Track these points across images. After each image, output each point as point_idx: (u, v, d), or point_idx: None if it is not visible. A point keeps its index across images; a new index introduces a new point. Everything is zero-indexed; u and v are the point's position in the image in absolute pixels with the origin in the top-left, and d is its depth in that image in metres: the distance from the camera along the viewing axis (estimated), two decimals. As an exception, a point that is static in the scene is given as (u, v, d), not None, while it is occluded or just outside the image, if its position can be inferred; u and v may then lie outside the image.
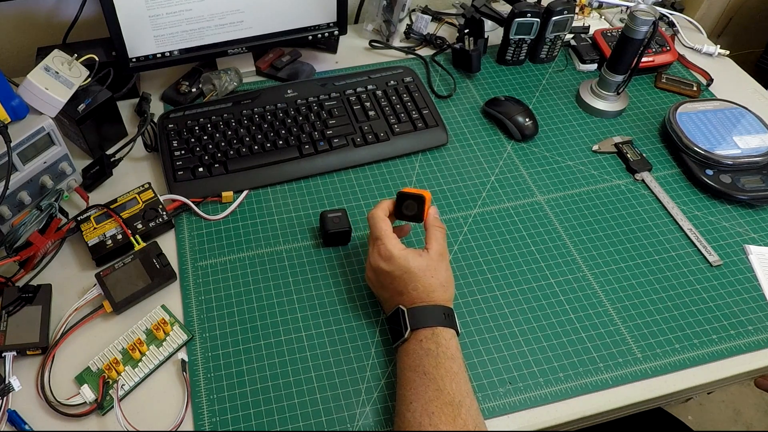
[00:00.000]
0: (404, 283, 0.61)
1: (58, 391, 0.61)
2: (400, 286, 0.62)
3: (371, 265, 0.65)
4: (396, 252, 0.62)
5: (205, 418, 0.60)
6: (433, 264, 0.62)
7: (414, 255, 0.62)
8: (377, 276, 0.64)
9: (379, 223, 0.64)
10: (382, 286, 0.64)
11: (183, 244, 0.74)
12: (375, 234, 0.64)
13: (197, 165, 0.80)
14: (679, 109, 0.87)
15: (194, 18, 0.85)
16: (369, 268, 0.66)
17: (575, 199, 0.81)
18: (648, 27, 0.81)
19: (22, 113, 0.70)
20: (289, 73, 0.96)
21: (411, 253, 0.62)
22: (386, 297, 0.64)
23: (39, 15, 0.93)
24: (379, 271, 0.63)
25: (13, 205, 0.72)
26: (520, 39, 0.97)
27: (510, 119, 0.88)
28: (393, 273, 0.62)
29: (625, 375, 0.64)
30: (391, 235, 0.64)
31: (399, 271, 0.61)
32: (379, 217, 0.65)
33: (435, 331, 0.59)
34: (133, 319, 0.66)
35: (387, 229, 0.64)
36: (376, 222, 0.64)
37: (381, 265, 0.63)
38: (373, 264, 0.64)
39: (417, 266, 0.61)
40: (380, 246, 0.63)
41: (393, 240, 0.63)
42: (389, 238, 0.63)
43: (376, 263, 0.63)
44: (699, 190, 0.82)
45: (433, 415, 0.53)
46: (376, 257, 0.63)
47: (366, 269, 0.67)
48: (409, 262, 0.61)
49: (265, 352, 0.64)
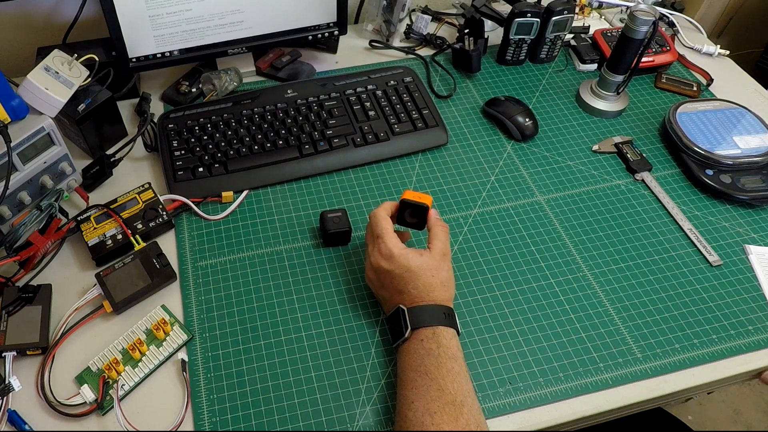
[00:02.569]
0: (404, 282, 0.61)
1: (58, 391, 0.61)
2: (400, 285, 0.62)
3: (371, 264, 0.64)
4: (396, 251, 0.62)
5: (205, 418, 0.60)
6: (434, 263, 0.62)
7: (415, 254, 0.62)
8: (377, 275, 0.64)
9: (380, 222, 0.64)
10: (382, 285, 0.64)
11: (183, 244, 0.74)
12: (376, 232, 0.64)
13: (197, 165, 0.80)
14: (679, 109, 0.87)
15: (194, 18, 0.85)
16: (369, 267, 0.66)
17: (575, 199, 0.81)
18: (648, 27, 0.81)
19: (22, 113, 0.70)
20: (289, 73, 0.96)
21: (412, 252, 0.62)
22: (386, 296, 0.64)
23: (39, 15, 0.93)
24: (379, 270, 0.63)
25: (13, 205, 0.72)
26: (520, 39, 0.97)
27: (510, 119, 0.88)
28: (393, 272, 0.62)
29: (625, 375, 0.64)
30: (392, 234, 0.64)
31: (399, 270, 0.61)
32: (381, 216, 0.65)
33: (436, 330, 0.59)
34: (133, 319, 0.66)
35: (388, 228, 0.64)
36: (378, 221, 0.64)
37: (381, 264, 0.63)
38: (374, 263, 0.64)
39: (417, 265, 0.61)
40: (381, 244, 0.63)
41: (394, 239, 0.63)
42: (390, 237, 0.63)
43: (376, 262, 0.63)
44: (699, 190, 0.82)
45: (435, 415, 0.53)
46: (376, 256, 0.63)
47: (366, 269, 0.67)
48: (410, 260, 0.61)
49: (265, 352, 0.64)
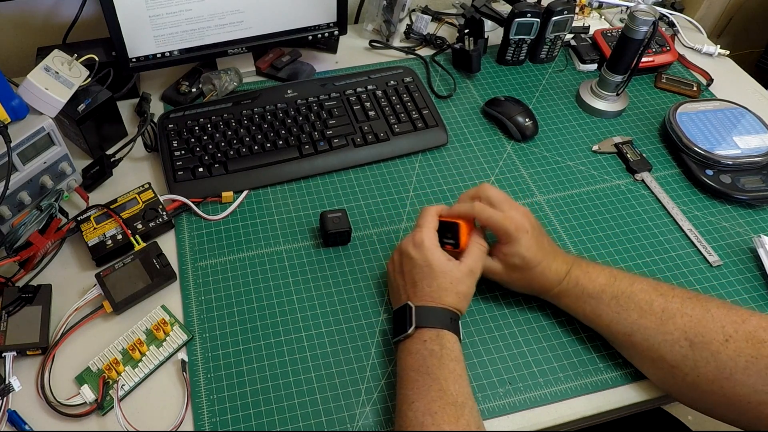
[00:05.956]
0: (422, 276, 0.61)
1: (58, 392, 0.61)
2: (417, 277, 0.62)
3: (400, 247, 0.65)
4: (428, 243, 0.62)
5: (205, 418, 0.60)
6: (458, 274, 0.61)
7: (443, 256, 0.62)
8: (401, 258, 0.64)
9: (426, 215, 0.65)
10: (401, 270, 0.64)
11: (183, 244, 0.74)
12: (419, 222, 0.65)
13: (197, 165, 0.80)
14: (679, 109, 0.87)
15: (194, 18, 0.85)
16: (396, 250, 0.66)
17: (575, 199, 0.81)
18: (648, 27, 0.81)
19: (22, 113, 0.70)
20: (289, 73, 0.96)
21: (442, 253, 0.62)
22: (400, 284, 0.64)
23: (39, 15, 0.93)
24: (405, 254, 0.64)
25: (13, 205, 0.72)
26: (520, 39, 0.97)
27: (510, 119, 0.88)
28: (416, 261, 0.62)
29: (625, 375, 0.64)
30: (432, 229, 0.64)
31: (422, 262, 0.61)
32: (430, 212, 0.65)
33: (440, 333, 0.59)
34: (133, 320, 0.66)
35: (431, 223, 0.64)
36: (425, 214, 0.65)
37: (409, 249, 0.63)
38: (403, 247, 0.64)
39: (440, 266, 0.61)
40: (417, 232, 0.63)
41: (431, 233, 0.63)
42: (429, 230, 0.63)
43: (405, 246, 0.64)
44: (699, 190, 0.82)
45: (435, 415, 0.53)
46: (408, 241, 0.64)
47: (393, 253, 0.67)
48: (435, 258, 0.61)
49: (265, 352, 0.64)
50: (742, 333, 0.55)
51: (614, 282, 0.62)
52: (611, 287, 0.61)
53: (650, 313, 0.59)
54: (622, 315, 0.60)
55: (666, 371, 0.58)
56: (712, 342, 0.55)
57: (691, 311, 0.58)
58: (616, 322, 0.60)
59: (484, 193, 0.65)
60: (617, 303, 0.60)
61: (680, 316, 0.58)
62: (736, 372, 0.54)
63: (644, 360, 0.60)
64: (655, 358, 0.58)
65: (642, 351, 0.60)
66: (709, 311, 0.57)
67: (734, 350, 0.54)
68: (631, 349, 0.61)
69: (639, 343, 0.59)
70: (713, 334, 0.56)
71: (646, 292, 0.60)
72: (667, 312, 0.58)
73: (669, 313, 0.58)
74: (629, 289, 0.61)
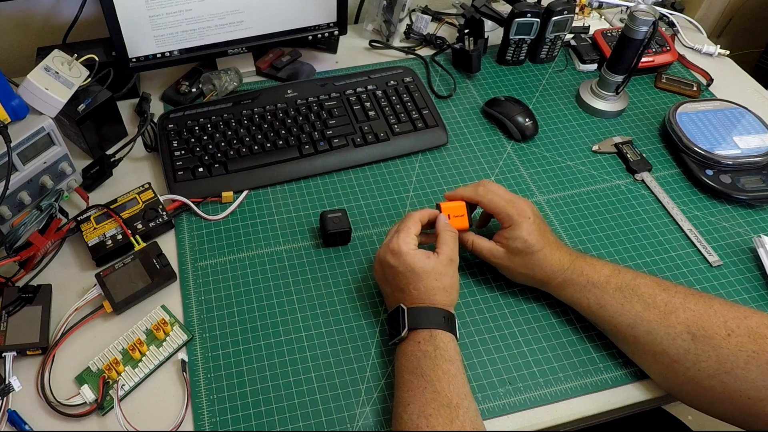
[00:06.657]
0: (407, 281, 0.61)
1: (58, 392, 0.61)
2: (402, 283, 0.62)
3: (379, 256, 0.65)
4: (405, 249, 0.62)
5: (205, 418, 0.60)
6: (440, 268, 0.62)
7: (422, 256, 0.62)
8: (382, 268, 0.64)
9: (406, 220, 0.65)
10: (386, 279, 0.64)
11: (183, 244, 0.74)
12: (398, 227, 0.65)
13: (197, 165, 0.80)
14: (679, 110, 0.87)
15: (194, 18, 0.85)
16: (376, 260, 0.66)
17: (575, 199, 0.81)
18: (648, 27, 0.81)
19: (22, 113, 0.70)
20: (289, 73, 0.96)
21: (419, 253, 0.62)
22: (388, 292, 0.65)
23: (39, 15, 0.93)
24: (384, 263, 0.64)
25: (13, 205, 0.72)
26: (520, 39, 0.97)
27: (510, 119, 0.88)
28: (397, 269, 0.62)
29: (625, 375, 0.64)
30: (410, 233, 0.64)
31: (403, 268, 0.61)
32: (412, 217, 0.65)
33: (433, 333, 0.59)
34: (133, 320, 0.66)
35: (410, 228, 0.64)
36: (406, 218, 0.65)
37: (387, 258, 0.63)
38: (381, 255, 0.64)
39: (422, 267, 0.61)
40: (394, 239, 0.63)
41: (408, 238, 0.63)
42: (406, 235, 0.63)
43: (383, 255, 0.64)
44: (699, 190, 0.82)
45: (430, 417, 0.53)
46: (385, 249, 0.64)
47: (375, 259, 0.67)
48: (416, 262, 0.61)
49: (265, 352, 0.64)
50: (745, 328, 0.55)
51: (618, 274, 0.62)
52: (615, 278, 0.61)
53: (653, 306, 0.59)
54: (625, 306, 0.60)
55: (667, 366, 0.58)
56: (714, 336, 0.55)
57: (694, 306, 0.58)
58: (620, 313, 0.60)
59: (485, 187, 0.66)
60: (621, 294, 0.60)
61: (683, 311, 0.58)
62: (736, 367, 0.54)
63: (645, 354, 0.60)
64: (657, 351, 0.58)
65: (644, 344, 0.60)
66: (712, 307, 0.57)
67: (736, 345, 0.54)
68: (633, 342, 0.61)
69: (641, 336, 0.59)
70: (715, 328, 0.56)
71: (649, 286, 0.60)
72: (670, 306, 0.58)
73: (672, 306, 0.58)
74: (633, 282, 0.61)
